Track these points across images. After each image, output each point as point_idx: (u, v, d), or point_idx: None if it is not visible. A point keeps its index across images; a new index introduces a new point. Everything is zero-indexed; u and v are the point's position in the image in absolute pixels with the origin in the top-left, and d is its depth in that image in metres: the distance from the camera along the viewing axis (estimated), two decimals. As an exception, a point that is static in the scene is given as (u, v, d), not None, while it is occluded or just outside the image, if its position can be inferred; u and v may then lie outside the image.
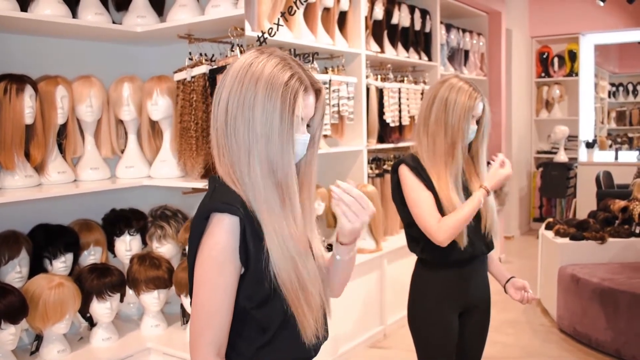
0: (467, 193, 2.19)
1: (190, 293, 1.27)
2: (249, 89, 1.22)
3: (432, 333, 2.29)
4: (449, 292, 2.26)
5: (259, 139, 1.21)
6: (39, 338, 2.53)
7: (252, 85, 1.22)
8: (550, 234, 4.61)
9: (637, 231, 4.36)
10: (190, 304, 1.26)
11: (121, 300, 2.74)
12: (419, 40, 4.93)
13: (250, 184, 1.22)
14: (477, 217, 2.23)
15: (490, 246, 2.29)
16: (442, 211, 2.12)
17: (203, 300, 1.21)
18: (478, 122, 2.21)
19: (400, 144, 4.57)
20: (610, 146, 8.34)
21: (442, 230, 2.08)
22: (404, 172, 2.17)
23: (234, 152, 1.23)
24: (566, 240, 4.40)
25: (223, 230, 1.20)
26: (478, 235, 2.22)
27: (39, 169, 2.63)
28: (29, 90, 2.48)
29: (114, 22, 2.88)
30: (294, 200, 1.24)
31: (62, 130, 2.73)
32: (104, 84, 2.86)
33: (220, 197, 1.22)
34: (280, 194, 1.23)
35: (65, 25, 2.61)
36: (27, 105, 2.47)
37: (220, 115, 1.25)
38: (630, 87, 8.62)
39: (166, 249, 2.95)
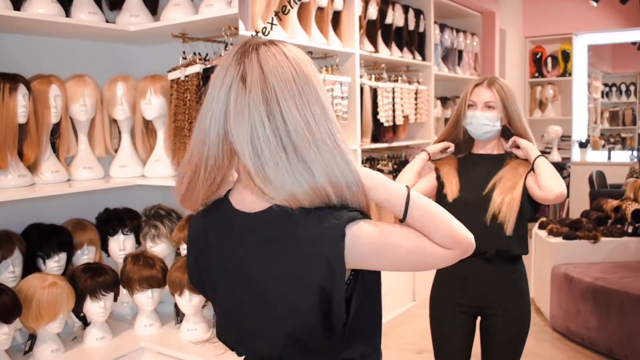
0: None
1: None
2: (303, 87, 1.13)
3: (432, 325, 2.42)
4: (448, 289, 2.34)
5: (333, 123, 1.15)
6: (32, 338, 2.52)
7: (303, 80, 1.14)
8: (543, 233, 4.63)
9: (629, 230, 4.38)
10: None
11: (115, 299, 2.73)
12: (412, 40, 4.94)
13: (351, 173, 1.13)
14: (476, 208, 2.25)
15: (496, 245, 2.24)
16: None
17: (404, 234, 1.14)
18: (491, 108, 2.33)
19: (394, 144, 4.58)
20: (603, 146, 8.38)
21: None
22: None
23: (332, 154, 1.11)
24: (559, 239, 4.42)
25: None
26: (476, 230, 2.21)
27: (32, 168, 2.62)
28: (22, 89, 2.47)
29: (107, 21, 2.87)
30: None
31: (56, 130, 2.72)
32: (97, 83, 2.86)
33: (335, 217, 1.11)
34: None
35: (58, 24, 2.61)
36: (20, 104, 2.46)
37: (302, 129, 1.10)
38: (623, 88, 8.66)
39: (160, 248, 2.94)
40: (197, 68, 2.67)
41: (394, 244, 1.13)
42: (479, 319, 2.38)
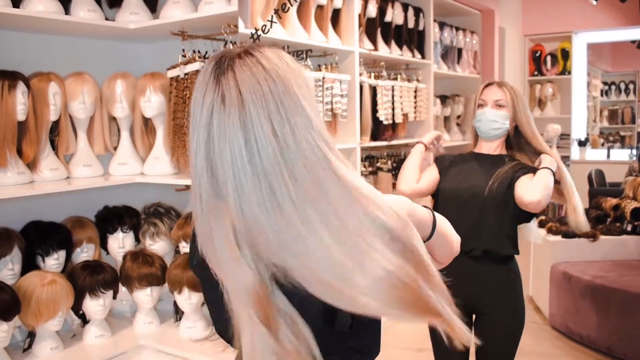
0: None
1: None
2: (282, 99, 0.99)
3: (432, 329, 2.34)
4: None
5: (319, 133, 1.01)
6: (31, 335, 2.53)
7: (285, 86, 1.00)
8: (542, 231, 4.63)
9: (628, 229, 4.39)
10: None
11: (114, 297, 2.74)
12: (412, 38, 4.93)
13: None
14: (467, 205, 2.24)
15: (483, 244, 2.24)
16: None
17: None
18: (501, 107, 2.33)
19: (394, 142, 4.57)
20: (603, 144, 8.38)
21: None
22: None
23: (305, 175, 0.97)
24: (558, 238, 4.42)
25: None
26: (465, 227, 2.17)
27: (31, 166, 2.62)
28: (21, 87, 2.47)
29: (106, 19, 2.87)
30: None
31: (55, 127, 2.72)
32: (96, 81, 2.85)
33: None
34: None
35: (57, 22, 2.60)
36: (19, 101, 2.46)
37: (273, 152, 0.96)
38: (623, 86, 8.64)
39: (159, 246, 2.94)
40: (197, 66, 2.66)
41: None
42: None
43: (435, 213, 1.18)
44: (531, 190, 2.14)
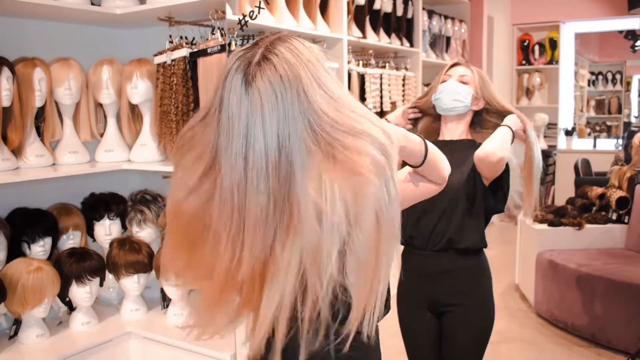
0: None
1: None
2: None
3: (400, 324, 2.30)
4: (408, 287, 2.22)
5: None
6: (17, 322, 2.51)
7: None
8: (528, 220, 4.66)
9: (613, 218, 4.43)
10: None
11: (101, 284, 2.73)
12: (400, 26, 4.93)
13: None
14: (435, 199, 2.06)
15: (448, 234, 2.11)
16: None
17: None
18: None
19: (382, 130, 4.57)
20: (589, 134, 8.43)
21: None
22: None
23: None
24: (544, 226, 4.45)
25: None
26: (430, 223, 2.13)
27: (17, 152, 2.59)
28: (5, 72, 2.44)
29: (92, 4, 2.83)
30: None
31: (40, 113, 2.70)
32: (83, 67, 2.83)
33: None
34: None
35: (42, 7, 2.57)
36: (4, 87, 2.43)
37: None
38: (610, 76, 8.69)
39: (146, 233, 2.93)
40: (184, 52, 2.65)
41: (413, 189, 1.37)
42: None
43: (428, 142, 1.30)
44: (486, 143, 2.02)
